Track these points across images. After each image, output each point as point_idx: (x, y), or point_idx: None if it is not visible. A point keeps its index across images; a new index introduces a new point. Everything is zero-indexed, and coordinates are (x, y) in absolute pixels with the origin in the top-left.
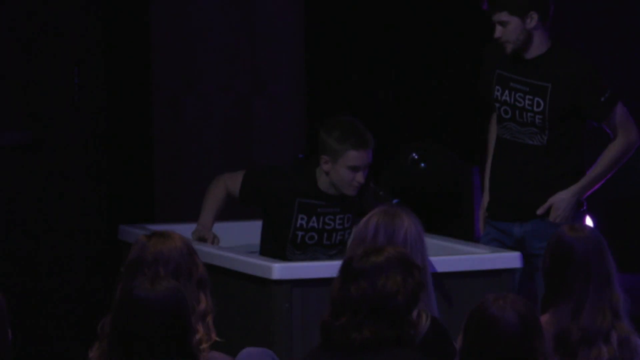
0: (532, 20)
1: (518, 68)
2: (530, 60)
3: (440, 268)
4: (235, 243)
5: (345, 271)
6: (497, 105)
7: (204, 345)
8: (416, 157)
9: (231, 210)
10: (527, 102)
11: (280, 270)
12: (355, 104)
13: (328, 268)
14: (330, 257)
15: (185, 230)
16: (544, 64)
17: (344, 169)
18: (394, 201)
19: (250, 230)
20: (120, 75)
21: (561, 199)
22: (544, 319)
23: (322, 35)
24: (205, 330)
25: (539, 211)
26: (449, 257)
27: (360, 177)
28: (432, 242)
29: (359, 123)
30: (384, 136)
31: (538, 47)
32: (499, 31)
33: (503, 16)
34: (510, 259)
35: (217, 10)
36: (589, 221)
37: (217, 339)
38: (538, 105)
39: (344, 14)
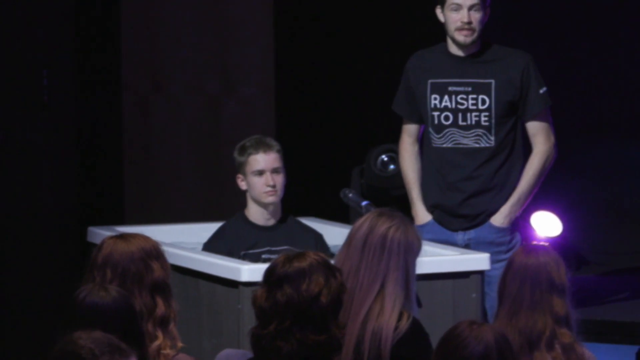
0: (486, 17)
1: (454, 71)
2: (466, 59)
3: None
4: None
5: (270, 278)
6: (436, 114)
7: (168, 352)
8: (386, 159)
9: (214, 212)
10: (470, 102)
11: (249, 272)
12: (324, 106)
13: None
14: None
15: (154, 232)
16: (483, 62)
17: (252, 177)
18: (363, 203)
19: None
20: (90, 76)
21: (499, 222)
22: None
23: (292, 37)
24: (168, 337)
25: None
26: (418, 258)
27: (268, 179)
28: None
29: (261, 136)
30: (353, 138)
31: (477, 44)
32: (471, 16)
33: (477, 1)
34: (479, 261)
35: (187, 11)
36: (556, 225)
37: (182, 344)
38: (483, 102)
39: (313, 17)
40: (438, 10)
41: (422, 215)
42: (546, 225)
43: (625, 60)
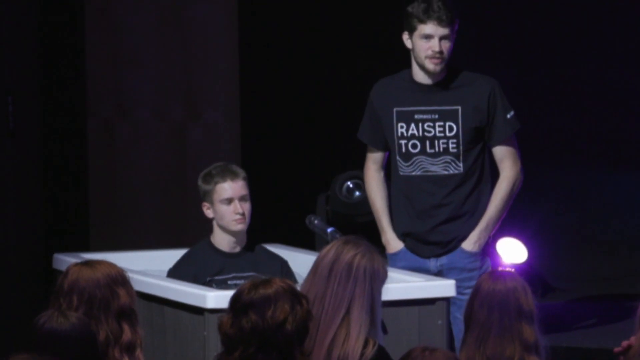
0: (453, 43)
1: (420, 98)
2: (432, 86)
3: None
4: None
5: (235, 305)
6: (404, 142)
7: None
8: (351, 185)
9: (179, 239)
10: (437, 129)
11: (214, 298)
12: (289, 132)
13: None
14: None
15: (119, 258)
16: (449, 88)
17: (220, 205)
18: (329, 230)
19: None
20: (55, 102)
21: (470, 248)
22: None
23: (257, 62)
24: None
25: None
26: (384, 285)
27: (237, 207)
28: None
29: (226, 163)
30: (318, 165)
31: (443, 71)
32: (442, 45)
33: (449, 31)
34: (445, 288)
35: (152, 37)
36: (521, 252)
37: None
38: (450, 129)
39: (278, 42)
40: (405, 37)
41: (394, 243)
42: (511, 252)
43: (591, 86)
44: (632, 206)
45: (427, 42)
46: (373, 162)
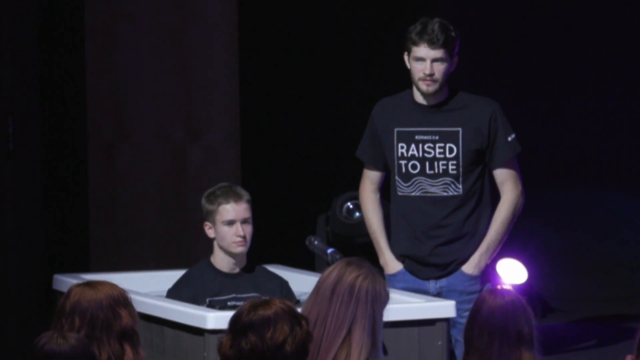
0: (453, 66)
1: (420, 119)
2: (432, 107)
3: None
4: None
5: (235, 326)
6: (404, 162)
7: None
8: (351, 206)
9: (179, 260)
10: (438, 150)
11: (214, 319)
12: (289, 153)
13: None
14: None
15: (120, 279)
16: (450, 110)
17: (221, 226)
18: (329, 251)
19: None
20: (55, 124)
21: (470, 271)
22: None
23: (256, 84)
24: None
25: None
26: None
27: (238, 230)
28: None
29: (231, 184)
30: (319, 185)
31: (444, 93)
32: (434, 68)
33: (442, 54)
34: (445, 308)
35: (151, 59)
36: (521, 272)
37: None
38: (451, 151)
39: (277, 64)
40: (405, 57)
41: (392, 264)
42: (512, 272)
43: (592, 109)
44: (631, 228)
45: (420, 64)
46: (370, 182)
